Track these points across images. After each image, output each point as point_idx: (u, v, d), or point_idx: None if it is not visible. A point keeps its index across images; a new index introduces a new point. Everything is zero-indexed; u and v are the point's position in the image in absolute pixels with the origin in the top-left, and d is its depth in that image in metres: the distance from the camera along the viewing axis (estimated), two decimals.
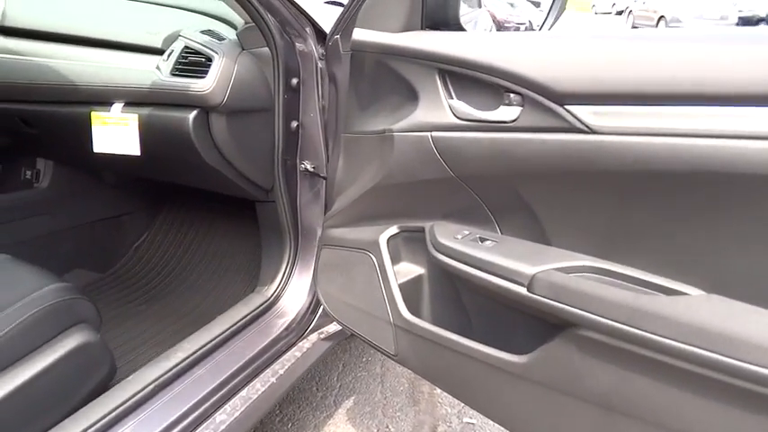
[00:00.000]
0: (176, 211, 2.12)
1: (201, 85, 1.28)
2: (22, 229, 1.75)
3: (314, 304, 1.46)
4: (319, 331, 1.46)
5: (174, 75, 1.32)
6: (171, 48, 1.36)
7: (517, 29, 9.35)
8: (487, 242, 0.93)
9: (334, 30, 1.29)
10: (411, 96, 1.01)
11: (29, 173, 1.80)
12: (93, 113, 1.38)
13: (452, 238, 0.97)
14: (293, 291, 1.49)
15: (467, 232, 0.98)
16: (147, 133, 1.36)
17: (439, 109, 0.96)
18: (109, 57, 1.40)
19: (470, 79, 0.91)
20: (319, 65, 1.44)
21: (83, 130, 1.43)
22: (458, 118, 0.93)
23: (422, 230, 1.05)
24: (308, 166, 1.53)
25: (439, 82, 0.96)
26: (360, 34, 1.11)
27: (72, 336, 1.01)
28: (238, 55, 1.34)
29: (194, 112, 1.32)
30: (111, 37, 1.41)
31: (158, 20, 1.46)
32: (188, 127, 1.32)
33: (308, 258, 1.58)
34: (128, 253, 2.04)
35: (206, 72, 1.30)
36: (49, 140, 1.64)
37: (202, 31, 1.41)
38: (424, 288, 1.10)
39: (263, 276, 1.64)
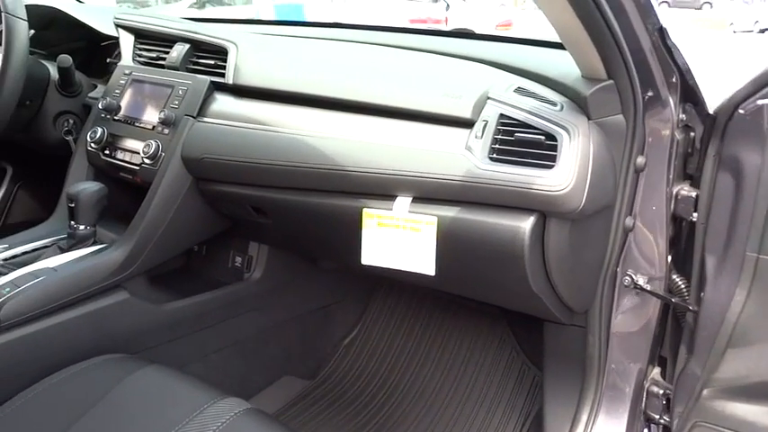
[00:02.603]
0: (395, 296, 1.71)
1: (553, 181, 0.83)
2: (229, 330, 1.41)
3: None
4: None
5: (494, 160, 0.89)
6: (482, 117, 0.93)
7: None
8: None
9: (753, 91, 0.81)
10: None
11: (239, 259, 1.46)
12: (365, 210, 0.98)
13: None
14: None
15: None
16: (448, 244, 0.93)
17: None
18: (388, 129, 0.99)
19: None
20: (677, 136, 0.97)
21: (345, 231, 1.04)
22: None
23: None
24: (639, 280, 1.05)
25: None
26: None
27: None
28: (589, 130, 0.88)
29: (531, 220, 0.87)
30: (389, 101, 1.01)
31: (454, 76, 1.04)
32: (522, 241, 0.87)
33: (614, 406, 1.12)
34: (338, 352, 1.65)
35: (551, 158, 0.85)
36: (288, 235, 1.27)
37: (517, 90, 0.98)
38: None
39: (549, 421, 1.18)
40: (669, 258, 1.07)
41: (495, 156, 0.89)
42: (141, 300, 1.20)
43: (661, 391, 1.13)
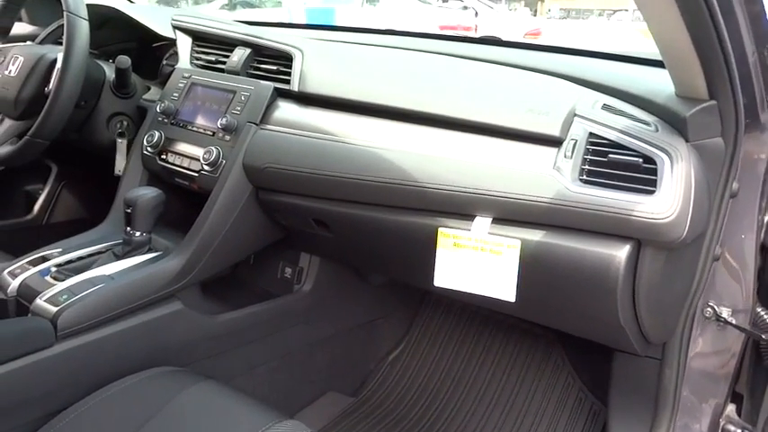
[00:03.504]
0: (443, 312, 1.65)
1: (655, 208, 0.77)
2: (276, 343, 1.37)
3: None
4: None
5: (585, 182, 0.83)
6: (570, 136, 0.88)
7: None
8: None
9: None
10: None
11: (289, 270, 1.41)
12: (440, 230, 0.93)
13: None
14: None
15: None
16: (530, 270, 0.88)
17: None
18: (467, 144, 0.94)
19: None
20: None
21: (416, 250, 0.99)
22: None
23: None
24: (722, 312, 0.99)
25: None
26: None
27: None
28: (688, 153, 0.83)
29: (627, 248, 0.81)
30: (469, 115, 0.95)
31: (536, 90, 0.99)
32: (617, 271, 0.81)
33: None
34: (383, 368, 1.60)
35: (650, 182, 0.79)
36: (348, 249, 1.23)
37: (605, 108, 0.92)
38: None
39: None
40: (755, 290, 1.01)
41: (586, 177, 0.84)
42: (194, 311, 1.16)
43: (738, 430, 1.06)
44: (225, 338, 1.23)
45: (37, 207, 1.82)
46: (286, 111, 1.15)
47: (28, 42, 1.51)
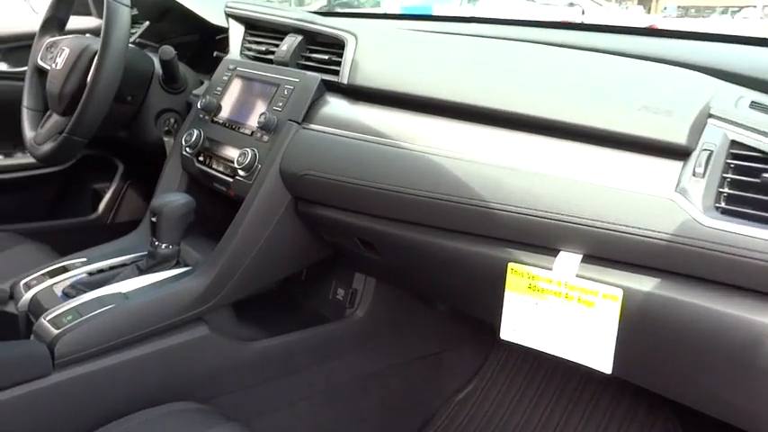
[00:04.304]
0: (524, 348, 1.40)
1: None
2: (322, 375, 1.18)
3: None
4: None
5: (726, 212, 0.57)
6: (702, 145, 0.62)
7: None
8: None
9: None
10: None
11: (341, 292, 1.23)
12: (511, 266, 0.70)
13: None
14: None
15: None
16: (636, 331, 0.62)
17: None
18: (553, 153, 0.70)
19: None
20: None
21: (479, 286, 0.77)
22: None
23: None
24: None
25: None
26: None
27: None
28: None
29: None
30: (559, 115, 0.72)
31: (653, 83, 0.73)
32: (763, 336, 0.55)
33: None
34: (449, 410, 1.38)
35: None
36: (401, 276, 1.03)
37: (753, 107, 0.65)
38: None
39: None
40: None
41: (724, 206, 0.58)
42: (223, 336, 1.01)
43: None
44: (261, 369, 1.07)
45: (102, 206, 1.78)
46: (333, 107, 0.96)
47: (87, 35, 1.44)
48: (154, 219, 0.98)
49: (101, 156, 1.75)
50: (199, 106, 1.12)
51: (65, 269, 1.01)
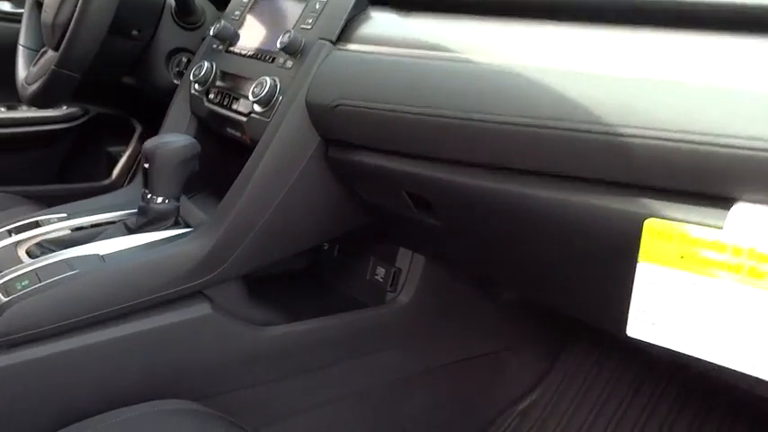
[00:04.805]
0: (602, 351, 1.14)
1: None
2: (352, 374, 0.96)
3: None
4: None
5: None
6: None
7: None
8: None
9: None
10: None
11: (381, 271, 1.00)
12: (650, 224, 0.45)
13: None
14: None
15: None
16: None
17: None
18: (707, 53, 0.46)
19: None
20: None
21: (590, 258, 0.52)
22: None
23: None
24: None
25: None
26: None
27: None
28: None
29: None
30: None
31: None
32: None
33: None
34: (508, 421, 1.13)
35: None
36: (466, 247, 0.78)
37: None
38: None
39: None
40: None
41: None
42: (230, 318, 0.79)
43: None
44: (273, 362, 0.85)
45: (117, 170, 1.62)
46: (377, 22, 0.73)
47: None
48: (147, 165, 0.77)
49: (117, 115, 1.58)
50: (211, 33, 0.90)
51: (37, 224, 0.80)
